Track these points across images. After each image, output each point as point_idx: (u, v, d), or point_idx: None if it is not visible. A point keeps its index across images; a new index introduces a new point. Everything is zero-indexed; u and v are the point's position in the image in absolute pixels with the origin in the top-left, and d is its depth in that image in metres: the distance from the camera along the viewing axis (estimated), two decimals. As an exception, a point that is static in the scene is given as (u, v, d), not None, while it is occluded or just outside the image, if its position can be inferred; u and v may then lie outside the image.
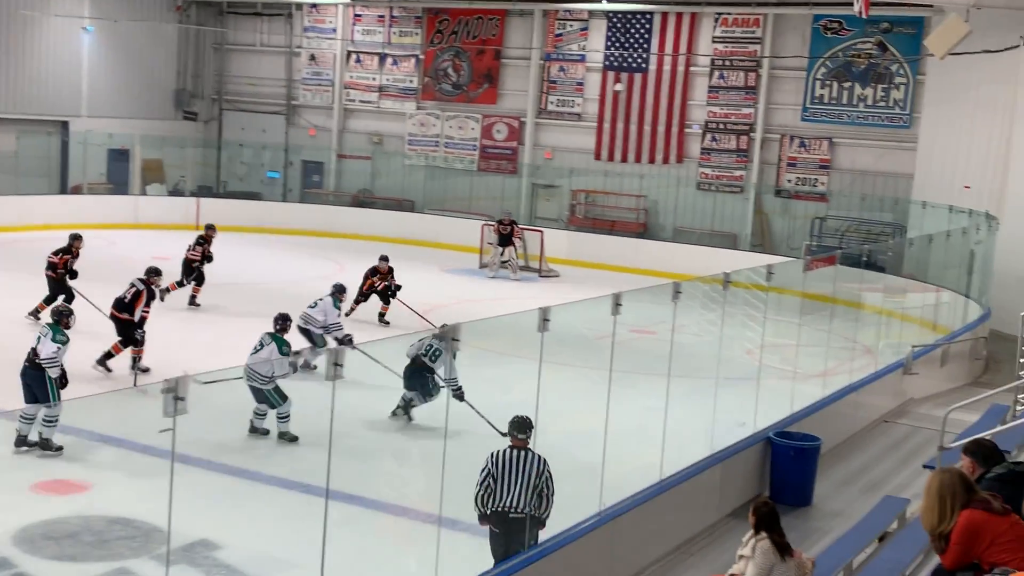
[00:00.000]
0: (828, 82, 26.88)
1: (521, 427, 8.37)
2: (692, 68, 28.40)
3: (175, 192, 32.08)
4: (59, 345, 11.22)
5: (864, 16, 20.25)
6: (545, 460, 8.29)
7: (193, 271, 19.65)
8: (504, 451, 8.28)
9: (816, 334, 15.76)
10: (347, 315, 16.18)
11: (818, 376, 14.32)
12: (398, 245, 28.75)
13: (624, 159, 29.28)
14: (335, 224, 30.02)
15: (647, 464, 10.01)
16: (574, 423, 11.41)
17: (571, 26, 29.88)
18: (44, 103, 30.16)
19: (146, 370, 14.45)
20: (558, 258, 26.50)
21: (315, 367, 14.11)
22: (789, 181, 27.49)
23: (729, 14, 27.76)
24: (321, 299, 15.30)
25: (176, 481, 5.99)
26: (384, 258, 19.44)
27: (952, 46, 18.81)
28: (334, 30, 33.07)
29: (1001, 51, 21.74)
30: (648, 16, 28.67)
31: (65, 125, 30.67)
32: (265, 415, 12.24)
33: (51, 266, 17.40)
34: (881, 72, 26.21)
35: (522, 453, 8.24)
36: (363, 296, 19.14)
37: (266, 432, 12.31)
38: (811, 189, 27.26)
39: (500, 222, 25.11)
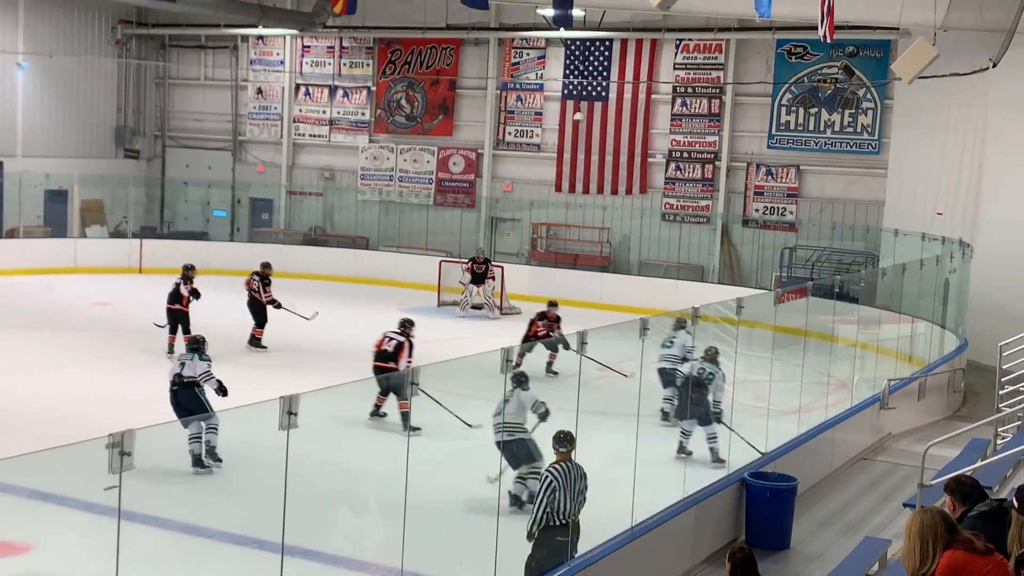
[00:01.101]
0: (794, 108, 26.32)
1: (564, 441, 9.01)
2: (654, 96, 27.76)
3: (117, 234, 30.98)
4: (208, 363, 12.63)
5: (829, 40, 19.82)
6: (581, 465, 8.99)
7: (265, 313, 19.78)
8: (557, 466, 8.86)
9: (789, 369, 15.48)
10: (516, 366, 14.77)
11: (792, 413, 14.14)
12: (352, 284, 28.00)
13: (586, 190, 28.55)
14: (286, 263, 28.91)
15: (618, 509, 9.84)
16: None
17: (528, 54, 29.18)
18: (-24, 143, 29.01)
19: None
20: (519, 294, 25.85)
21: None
22: (757, 210, 26.87)
23: (691, 40, 27.17)
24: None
25: (122, 539, 5.86)
26: (553, 304, 18.72)
27: (920, 70, 18.45)
28: (282, 62, 32.17)
29: (970, 74, 21.59)
30: (607, 43, 28.00)
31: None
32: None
33: (177, 299, 18.42)
34: (848, 97, 25.73)
35: (570, 464, 8.89)
36: (528, 344, 17.73)
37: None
38: (779, 218, 26.65)
39: (474, 260, 24.36)
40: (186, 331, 18.25)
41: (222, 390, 12.52)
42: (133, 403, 14.97)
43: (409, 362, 15.11)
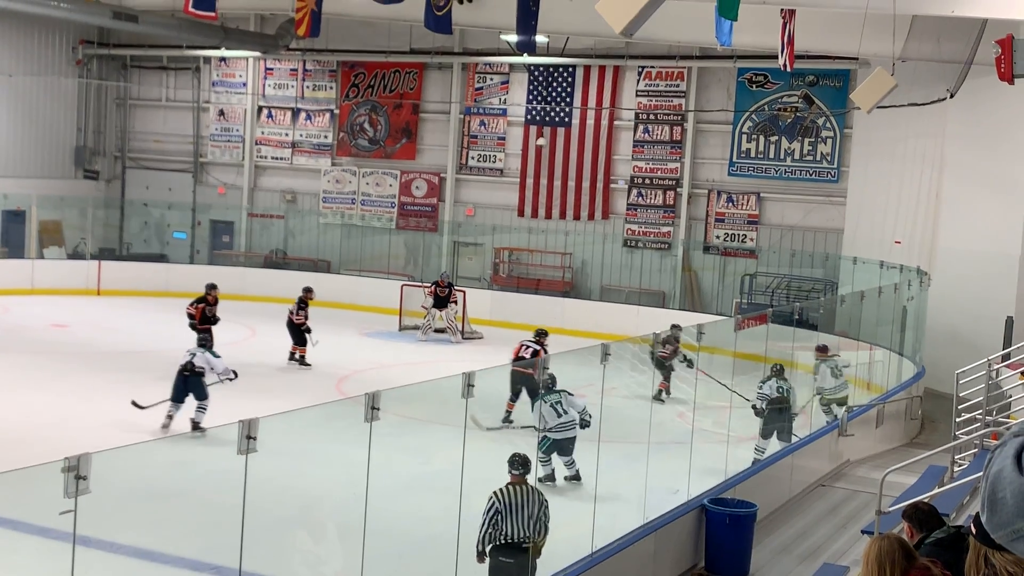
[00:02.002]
0: (755, 136, 26.52)
1: (519, 464, 9.05)
2: (616, 122, 27.87)
3: (75, 255, 30.63)
4: (219, 357, 15.15)
5: (789, 69, 20.15)
6: (541, 492, 9.05)
7: (302, 333, 20.21)
8: (507, 488, 8.85)
9: (749, 395, 15.41)
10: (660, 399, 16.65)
11: (752, 439, 14.22)
12: (313, 307, 27.66)
13: (548, 215, 28.56)
14: (247, 287, 28.78)
15: (577, 535, 9.80)
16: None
17: (491, 79, 29.21)
18: (-68, 161, 28.57)
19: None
20: (481, 319, 25.76)
21: None
22: (718, 237, 26.98)
23: (653, 67, 27.32)
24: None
25: (77, 565, 5.78)
26: (676, 327, 18.27)
27: (878, 99, 18.63)
28: (244, 84, 32.00)
29: (928, 104, 21.84)
30: (570, 69, 28.11)
31: (-45, 185, 29.06)
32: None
33: (189, 316, 18.82)
34: (808, 126, 25.95)
35: (524, 488, 8.90)
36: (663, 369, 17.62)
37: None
38: (740, 245, 26.78)
39: (437, 283, 24.24)
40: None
41: (234, 374, 15.51)
42: (89, 427, 14.79)
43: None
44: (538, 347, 16.65)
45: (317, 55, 30.89)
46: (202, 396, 15.08)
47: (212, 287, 19.49)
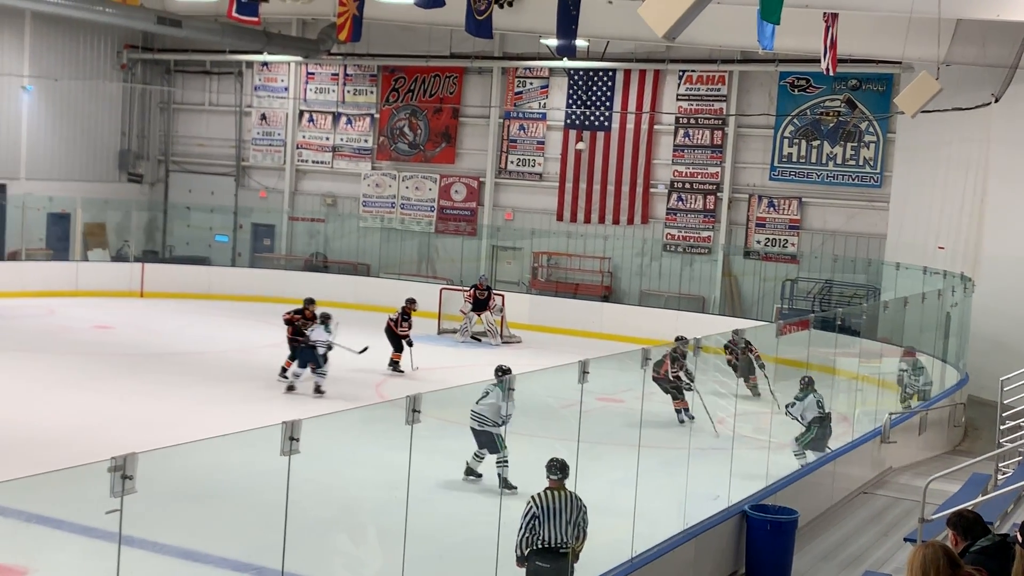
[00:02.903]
0: (796, 140, 26.35)
1: (557, 469, 8.95)
2: (656, 126, 27.79)
3: (119, 257, 30.98)
4: (330, 333, 17.20)
5: (831, 73, 20.04)
6: (580, 497, 8.91)
7: (397, 341, 20.44)
8: (545, 493, 8.79)
9: (790, 401, 15.24)
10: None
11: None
12: (353, 310, 27.87)
13: (587, 220, 28.53)
14: (287, 289, 28.86)
15: (617, 540, 9.69)
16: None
17: (531, 84, 29.23)
18: (-20, 165, 28.99)
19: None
20: (519, 323, 25.74)
21: None
22: (758, 242, 26.84)
23: (694, 71, 27.22)
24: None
25: (122, 564, 5.77)
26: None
27: (923, 104, 18.49)
28: (286, 89, 32.24)
29: (972, 109, 21.60)
30: (610, 73, 28.07)
31: (2, 188, 29.52)
32: (483, 459, 12.85)
33: (287, 323, 18.70)
34: (850, 130, 25.75)
35: (561, 493, 8.81)
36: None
37: (479, 476, 12.84)
38: (781, 250, 26.62)
39: (476, 287, 24.27)
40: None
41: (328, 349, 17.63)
42: (132, 427, 14.89)
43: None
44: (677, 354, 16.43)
45: (358, 60, 31.06)
46: (317, 364, 17.73)
47: (311, 302, 19.17)
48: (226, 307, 26.95)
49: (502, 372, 13.25)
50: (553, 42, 24.17)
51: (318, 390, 17.55)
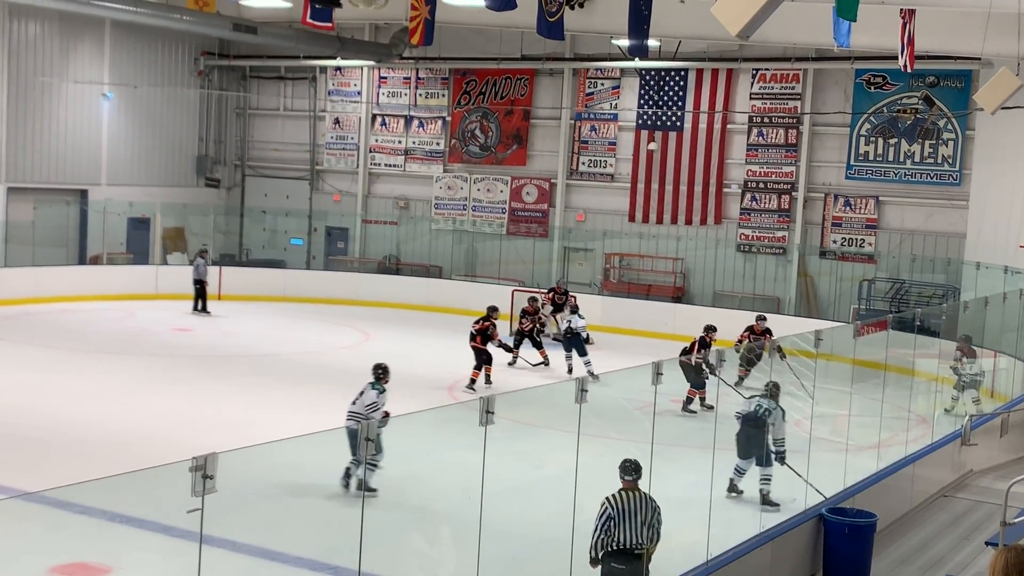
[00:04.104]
0: (873, 138, 25.95)
1: (632, 470, 8.92)
2: (729, 126, 27.56)
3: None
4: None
5: (909, 70, 19.68)
6: (654, 498, 8.89)
7: (521, 338, 21.34)
8: (619, 494, 8.78)
9: (868, 403, 15.19)
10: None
11: (871, 448, 13.84)
12: (425, 312, 28.12)
13: (660, 221, 28.39)
14: (360, 292, 29.30)
15: (692, 543, 9.67)
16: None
17: (602, 85, 29.16)
18: (63, 171, 29.65)
19: None
20: (591, 324, 25.38)
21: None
22: (834, 242, 26.49)
23: (767, 70, 26.95)
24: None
25: (203, 563, 5.89)
26: (762, 318, 20.29)
27: (1003, 100, 18.14)
28: (359, 93, 32.53)
29: (1055, 104, 20.97)
30: (682, 73, 27.89)
31: (84, 194, 30.18)
32: (359, 464, 12.39)
33: (472, 335, 19.08)
34: (928, 128, 25.29)
35: (636, 494, 8.80)
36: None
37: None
38: (858, 250, 26.24)
39: (554, 290, 24.24)
40: (484, 364, 19.21)
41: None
42: (212, 427, 15.16)
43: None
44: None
45: (430, 63, 31.25)
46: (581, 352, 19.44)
47: (494, 309, 19.70)
48: (301, 309, 27.29)
49: (381, 371, 13.07)
50: (624, 42, 24.05)
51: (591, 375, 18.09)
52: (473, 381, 19.08)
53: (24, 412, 15.62)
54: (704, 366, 17.46)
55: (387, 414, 12.62)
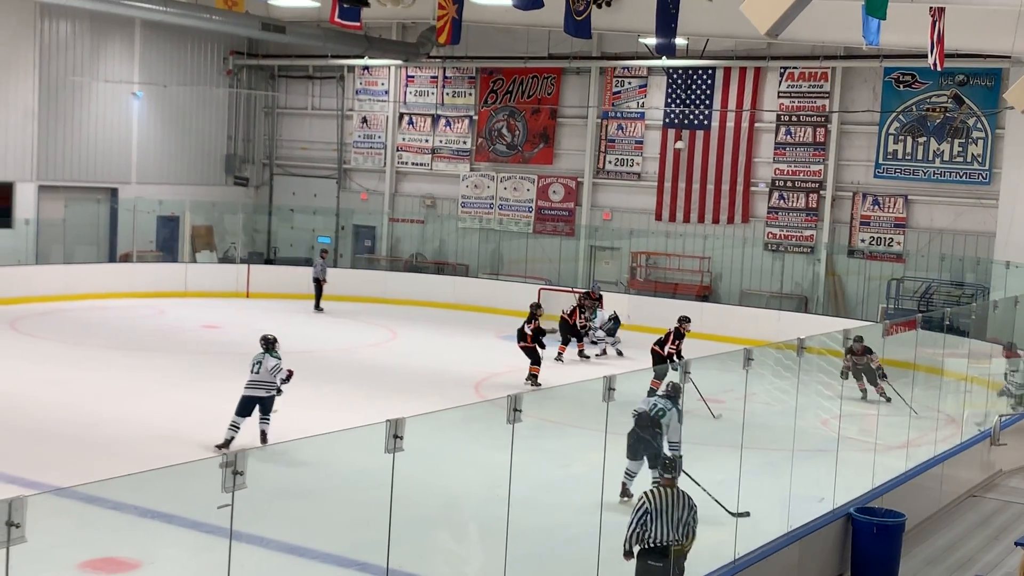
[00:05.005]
0: (902, 137, 25.80)
1: (670, 468, 8.96)
2: (757, 124, 27.47)
3: (225, 259, 31.69)
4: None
5: (938, 68, 19.56)
6: (690, 496, 8.89)
7: (571, 330, 22.10)
8: (658, 490, 8.80)
9: (896, 403, 15.32)
10: None
11: (900, 448, 13.82)
12: (452, 310, 28.17)
13: (686, 219, 28.33)
14: (388, 290, 29.40)
15: (719, 542, 9.62)
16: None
17: (629, 83, 29.13)
18: (93, 170, 29.89)
19: None
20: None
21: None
22: (863, 241, 26.35)
23: (795, 68, 26.85)
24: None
25: (232, 558, 5.92)
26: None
27: (1034, 98, 17.88)
28: (386, 92, 32.63)
29: (1087, 102, 20.76)
30: (710, 71, 27.82)
31: (114, 192, 30.42)
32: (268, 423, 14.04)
33: (521, 336, 19.18)
34: (958, 126, 25.13)
35: (674, 491, 8.80)
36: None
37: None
38: (886, 249, 26.09)
39: (588, 295, 24.02)
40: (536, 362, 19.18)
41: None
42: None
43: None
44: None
45: (457, 62, 31.31)
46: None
47: (538, 307, 19.93)
48: (328, 307, 27.40)
49: (273, 339, 14.46)
50: (652, 41, 24.04)
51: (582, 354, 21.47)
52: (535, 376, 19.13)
53: (55, 408, 15.78)
54: (675, 358, 17.75)
55: (291, 372, 14.07)
